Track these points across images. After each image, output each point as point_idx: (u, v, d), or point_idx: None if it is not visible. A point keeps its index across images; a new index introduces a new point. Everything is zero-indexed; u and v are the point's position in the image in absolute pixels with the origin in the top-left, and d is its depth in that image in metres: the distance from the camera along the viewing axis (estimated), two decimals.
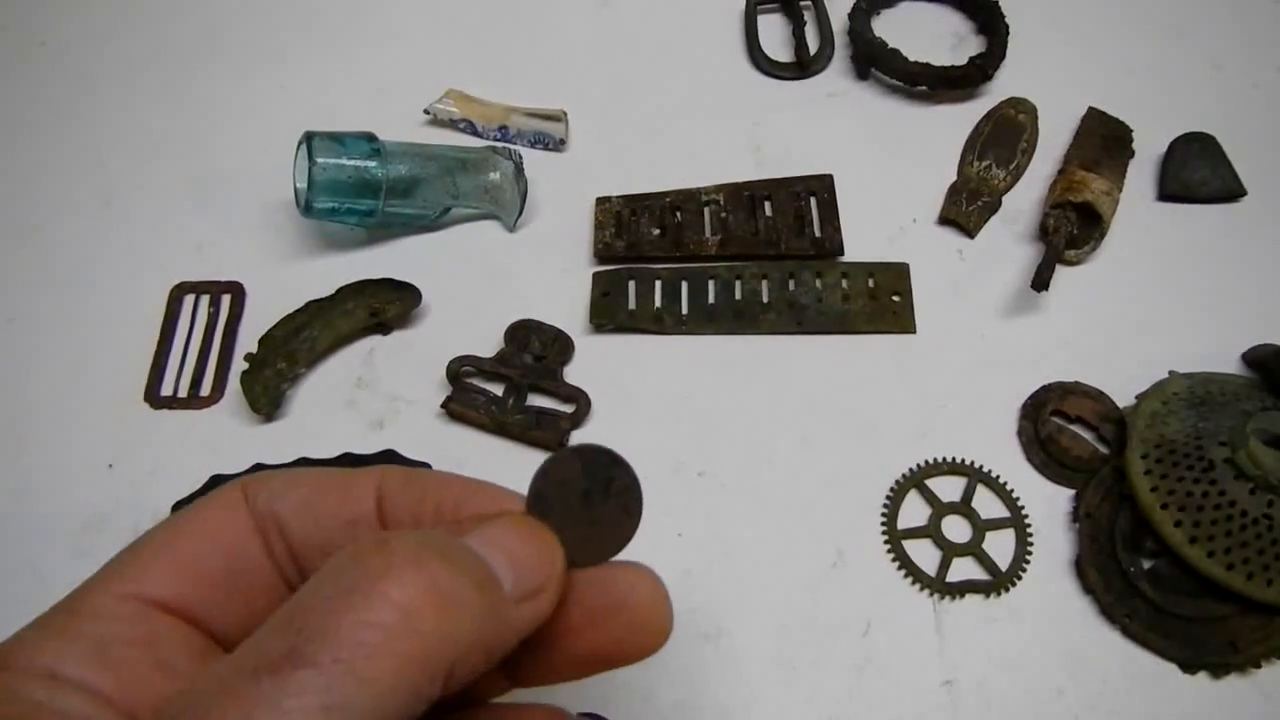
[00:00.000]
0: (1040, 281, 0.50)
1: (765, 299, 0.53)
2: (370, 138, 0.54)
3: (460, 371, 0.51)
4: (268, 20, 0.68)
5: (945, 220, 0.56)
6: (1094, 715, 0.41)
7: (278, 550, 0.23)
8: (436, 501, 0.24)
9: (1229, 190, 0.56)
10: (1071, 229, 0.53)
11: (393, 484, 0.24)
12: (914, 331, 0.52)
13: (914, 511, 0.47)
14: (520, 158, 0.56)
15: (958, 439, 0.49)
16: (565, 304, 0.54)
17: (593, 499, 0.27)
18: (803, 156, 0.59)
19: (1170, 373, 0.49)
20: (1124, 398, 0.49)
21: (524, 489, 0.49)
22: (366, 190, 0.53)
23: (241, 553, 0.23)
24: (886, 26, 0.64)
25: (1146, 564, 0.44)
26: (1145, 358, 0.50)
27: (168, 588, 0.22)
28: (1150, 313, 0.52)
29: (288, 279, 0.55)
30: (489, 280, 0.55)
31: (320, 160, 0.52)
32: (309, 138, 0.53)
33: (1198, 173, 0.56)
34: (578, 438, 0.50)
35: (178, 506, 0.48)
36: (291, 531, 0.23)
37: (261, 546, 0.23)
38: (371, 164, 0.53)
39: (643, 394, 0.51)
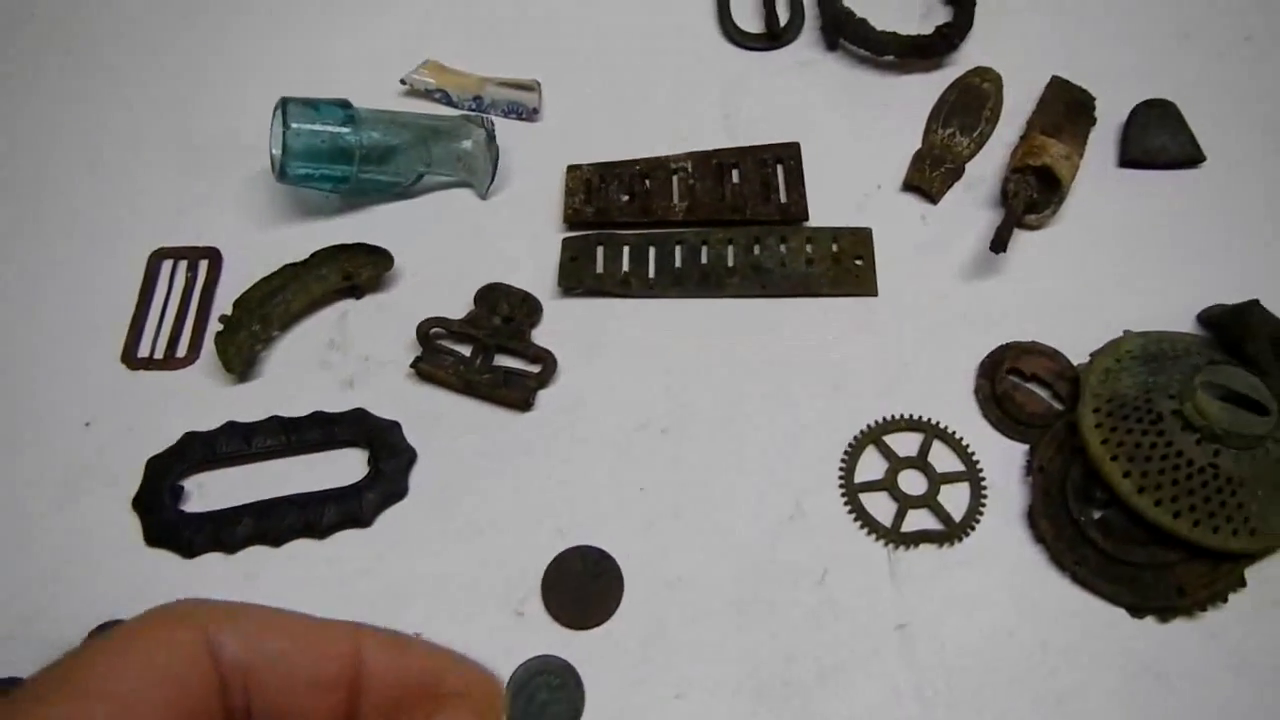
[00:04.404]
0: (998, 243, 0.51)
1: (730, 263, 0.54)
2: (345, 104, 0.55)
3: (430, 333, 0.52)
4: None
5: (909, 186, 0.57)
6: (1044, 655, 0.42)
7: (235, 704, 0.21)
8: (420, 669, 0.24)
9: (1188, 156, 0.57)
10: (1031, 193, 0.54)
11: (373, 647, 0.23)
12: (876, 294, 0.53)
13: (872, 466, 0.48)
14: (493, 126, 0.57)
15: (917, 397, 0.50)
16: (535, 268, 0.55)
17: (586, 581, 0.44)
18: (772, 125, 0.60)
19: (1125, 331, 0.50)
20: (1080, 356, 0.50)
21: (489, 447, 0.50)
22: (341, 156, 0.54)
23: (202, 711, 0.21)
24: None
25: (1097, 514, 0.45)
26: (1103, 318, 0.51)
27: None
28: (1108, 275, 0.53)
29: (265, 244, 0.56)
30: (461, 245, 0.56)
31: (295, 125, 0.53)
32: (284, 103, 0.54)
33: (1157, 139, 0.57)
34: (545, 397, 0.51)
35: (151, 463, 0.49)
36: (257, 686, 0.21)
37: (221, 708, 0.21)
38: (345, 130, 0.54)
39: (610, 355, 0.52)
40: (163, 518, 0.48)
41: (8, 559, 0.47)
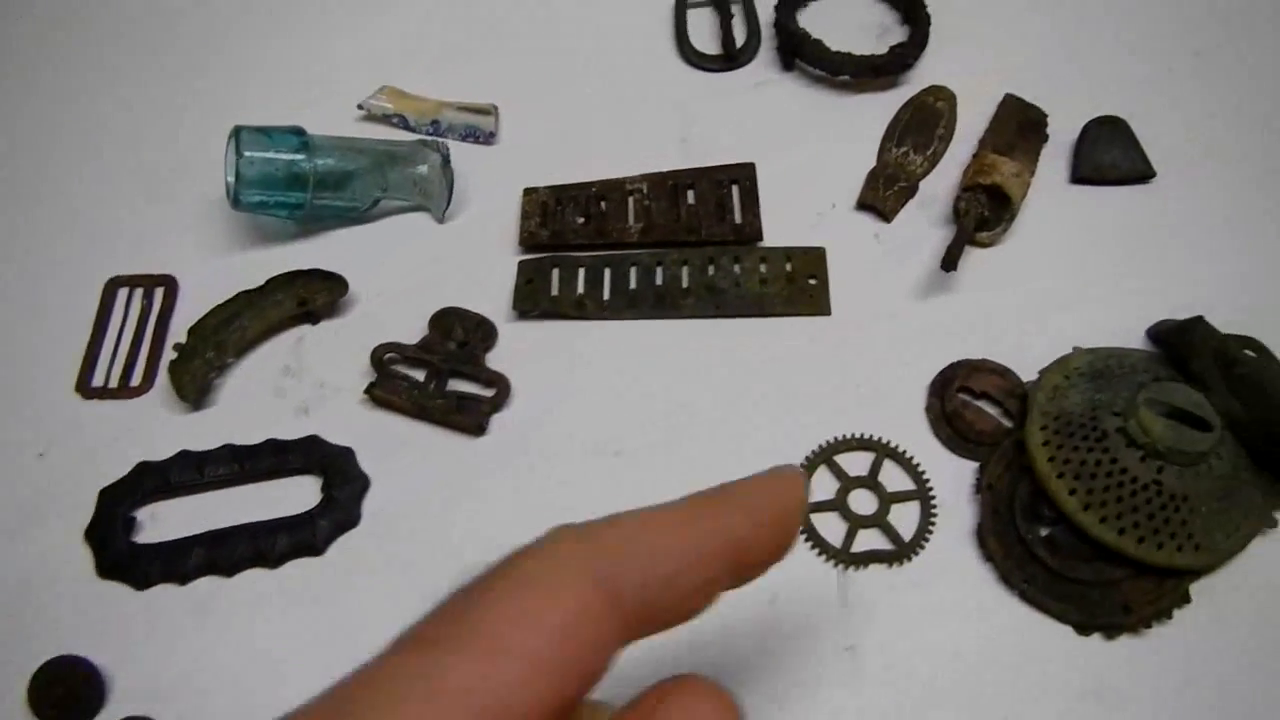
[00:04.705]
0: (949, 261, 0.52)
1: (685, 284, 0.54)
2: (298, 131, 0.55)
3: (384, 358, 0.52)
4: (206, 16, 0.69)
5: (863, 205, 0.57)
6: (992, 675, 0.43)
7: (628, 639, 0.20)
8: (759, 521, 0.23)
9: (1139, 172, 0.57)
10: (982, 211, 0.54)
11: (740, 527, 0.22)
12: (829, 313, 0.53)
13: (823, 486, 0.48)
14: (448, 150, 0.57)
15: (868, 416, 0.50)
16: (491, 292, 0.55)
17: None
18: (728, 146, 0.60)
19: (1074, 348, 0.51)
20: (1031, 374, 0.50)
21: (443, 473, 0.50)
22: (295, 183, 0.55)
23: (603, 661, 0.19)
24: (814, 18, 0.66)
25: (1044, 531, 0.45)
26: (1053, 335, 0.52)
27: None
28: (1060, 292, 0.54)
29: (221, 271, 0.56)
30: (417, 270, 0.56)
31: (248, 154, 0.53)
32: (237, 131, 0.54)
33: (1108, 155, 0.58)
34: (499, 421, 0.51)
35: (104, 494, 0.49)
36: (648, 615, 0.20)
37: (615, 650, 0.20)
38: (299, 157, 0.54)
39: (564, 378, 0.52)
40: (115, 549, 0.47)
41: None
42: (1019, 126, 0.59)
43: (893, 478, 0.48)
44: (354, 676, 0.18)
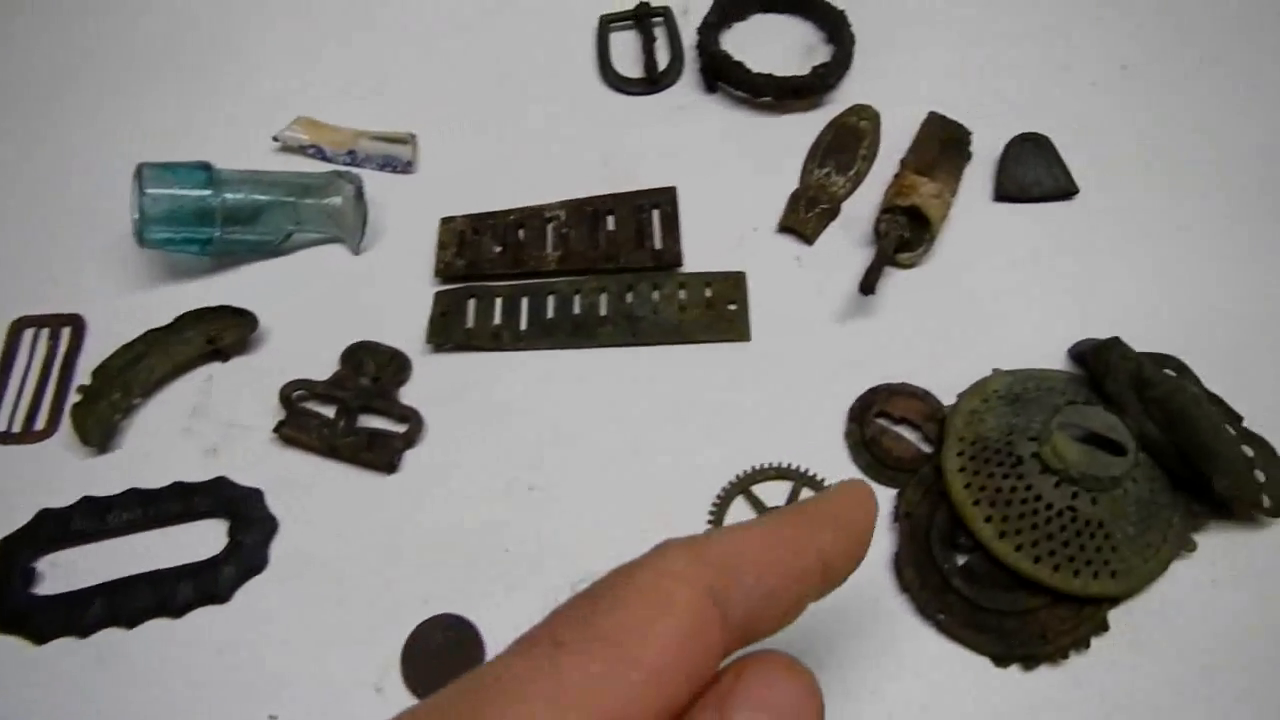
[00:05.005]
0: (867, 285, 0.51)
1: (603, 312, 0.53)
2: (205, 166, 0.54)
3: (294, 396, 0.51)
4: (117, 51, 0.68)
5: (784, 228, 0.57)
6: (909, 713, 0.42)
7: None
8: (847, 542, 0.24)
9: (1061, 189, 0.57)
10: (902, 233, 0.53)
11: (829, 543, 0.23)
12: (749, 339, 0.53)
13: (740, 517, 0.47)
14: (360, 181, 0.56)
15: (788, 444, 0.49)
16: (407, 324, 0.54)
17: (445, 653, 0.44)
18: (650, 170, 0.59)
19: (994, 370, 0.50)
20: (952, 397, 0.49)
21: (353, 513, 0.49)
22: (203, 218, 0.53)
23: (710, 673, 0.20)
24: (741, 39, 0.65)
25: (961, 560, 0.45)
26: (975, 357, 0.51)
27: None
28: (982, 312, 0.53)
29: (131, 309, 0.55)
30: (332, 303, 0.55)
31: (150, 191, 0.52)
32: (139, 169, 0.53)
33: (1031, 173, 0.57)
34: (411, 458, 0.50)
35: (3, 544, 0.47)
36: (749, 631, 0.21)
37: (721, 659, 0.20)
38: (206, 192, 0.53)
39: (479, 411, 0.51)
40: (13, 602, 0.46)
41: None
42: (942, 145, 0.58)
43: None
44: (478, 672, 0.19)
